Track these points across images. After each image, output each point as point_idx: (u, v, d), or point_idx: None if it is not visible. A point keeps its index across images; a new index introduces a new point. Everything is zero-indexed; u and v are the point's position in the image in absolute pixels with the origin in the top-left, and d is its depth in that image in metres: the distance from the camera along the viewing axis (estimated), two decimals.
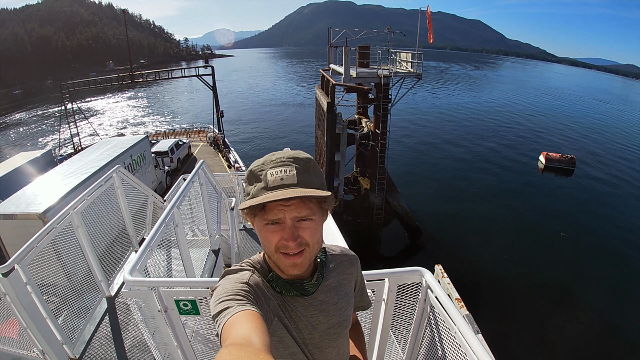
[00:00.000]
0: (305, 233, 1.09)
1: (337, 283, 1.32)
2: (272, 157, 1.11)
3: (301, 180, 1.06)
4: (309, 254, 1.12)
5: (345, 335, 1.36)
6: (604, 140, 39.55)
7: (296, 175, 1.06)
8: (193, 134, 30.11)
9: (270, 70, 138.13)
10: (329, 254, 1.37)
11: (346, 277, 1.37)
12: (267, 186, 1.05)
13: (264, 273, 1.20)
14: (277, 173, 1.06)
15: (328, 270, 1.31)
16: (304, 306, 1.21)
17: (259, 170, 1.09)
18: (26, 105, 64.28)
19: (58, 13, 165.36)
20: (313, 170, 1.11)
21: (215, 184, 5.91)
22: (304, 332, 1.21)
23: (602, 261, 16.40)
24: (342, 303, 1.31)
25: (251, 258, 1.27)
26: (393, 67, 16.97)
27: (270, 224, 1.08)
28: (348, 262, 1.40)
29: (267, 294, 1.15)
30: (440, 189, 24.07)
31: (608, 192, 24.39)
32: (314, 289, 1.21)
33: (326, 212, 1.17)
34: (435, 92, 72.13)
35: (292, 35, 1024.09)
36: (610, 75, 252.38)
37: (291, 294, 1.18)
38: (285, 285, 1.18)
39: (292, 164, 1.07)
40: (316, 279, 1.23)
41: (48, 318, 3.83)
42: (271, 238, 1.09)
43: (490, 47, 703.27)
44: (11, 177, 13.51)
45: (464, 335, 1.81)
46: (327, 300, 1.26)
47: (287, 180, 1.05)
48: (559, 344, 11.62)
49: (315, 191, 1.04)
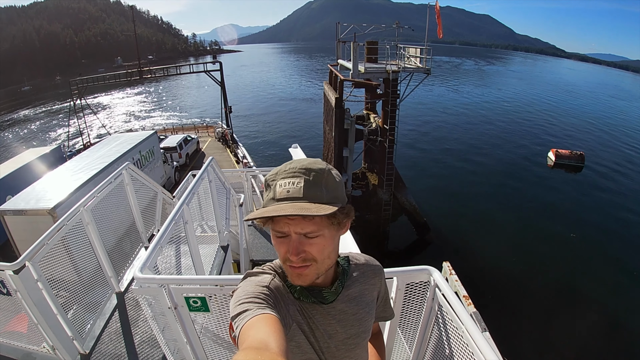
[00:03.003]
0: (312, 249, 1.06)
1: (359, 293, 1.30)
2: (286, 166, 1.08)
3: (307, 195, 1.02)
4: (315, 268, 1.09)
5: (364, 346, 1.34)
6: (613, 136, 39.11)
7: (303, 188, 1.03)
8: (201, 130, 30.22)
9: (279, 65, 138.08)
10: (353, 263, 1.34)
11: (368, 287, 1.34)
12: (274, 197, 1.04)
13: (285, 278, 1.18)
14: (285, 184, 1.03)
15: (350, 280, 1.29)
16: (322, 314, 1.19)
17: (272, 179, 1.08)
18: (35, 102, 64.56)
19: (66, 9, 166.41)
20: (325, 183, 1.06)
21: (224, 180, 5.91)
22: (320, 340, 1.19)
23: (611, 259, 16.23)
24: (362, 314, 1.28)
25: (274, 262, 1.25)
26: (401, 62, 16.87)
27: (279, 235, 1.06)
28: (372, 272, 1.38)
29: (287, 299, 1.14)
30: (448, 185, 23.96)
31: (617, 189, 24.14)
32: (332, 297, 1.19)
33: (342, 224, 1.12)
34: (445, 87, 71.63)
35: (300, 30, 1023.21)
36: (620, 71, 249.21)
37: (309, 300, 1.17)
38: (303, 291, 1.16)
39: (301, 176, 1.04)
40: (335, 287, 1.20)
41: (58, 314, 3.85)
42: (279, 249, 1.08)
43: (500, 42, 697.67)
44: (21, 174, 13.66)
45: (471, 335, 1.81)
46: (347, 310, 1.24)
47: (293, 194, 1.02)
48: (566, 341, 11.58)
49: (315, 208, 0.99)
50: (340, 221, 1.10)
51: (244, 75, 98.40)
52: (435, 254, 16.05)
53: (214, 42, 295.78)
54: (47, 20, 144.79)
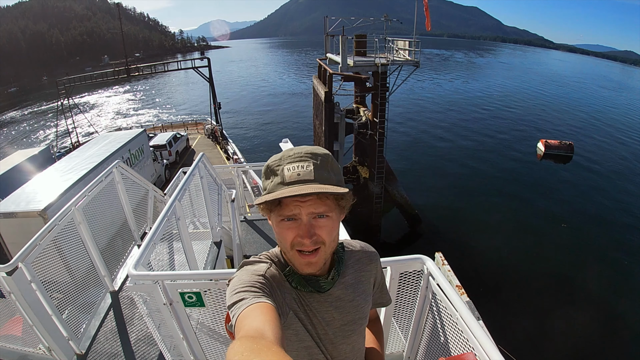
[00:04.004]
0: (322, 231, 1.08)
1: (355, 280, 1.31)
2: (290, 152, 1.10)
3: (318, 177, 1.05)
4: (323, 252, 1.12)
5: (361, 332, 1.35)
6: (601, 125, 39.50)
7: (313, 171, 1.05)
8: (191, 127, 30.05)
9: (267, 60, 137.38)
10: (348, 249, 1.36)
11: (364, 274, 1.36)
12: (283, 181, 1.05)
13: (282, 267, 1.20)
14: (294, 168, 1.05)
15: (346, 267, 1.30)
16: (319, 302, 1.21)
17: (276, 165, 1.09)
18: (22, 103, 63.65)
19: (51, 9, 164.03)
20: (331, 167, 1.10)
21: (216, 176, 5.90)
22: (317, 327, 1.21)
23: (601, 248, 16.46)
24: (359, 300, 1.30)
25: (270, 251, 1.27)
26: (390, 55, 16.87)
27: (286, 220, 1.07)
28: (367, 259, 1.39)
29: (284, 287, 1.15)
30: (439, 177, 24.05)
31: (607, 178, 24.45)
32: (329, 286, 1.21)
33: (344, 210, 1.16)
34: (434, 80, 71.74)
35: (287, 24, 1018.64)
36: (608, 61, 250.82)
37: (306, 289, 1.18)
38: (301, 281, 1.17)
39: (309, 160, 1.07)
40: (332, 276, 1.22)
41: (53, 315, 3.83)
42: (287, 234, 1.08)
43: (488, 34, 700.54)
44: (10, 176, 13.47)
45: (465, 322, 1.83)
46: (343, 297, 1.25)
47: (304, 176, 1.04)
48: (558, 331, 11.68)
49: (332, 187, 1.02)
50: (344, 205, 1.14)
51: (233, 71, 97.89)
52: (428, 245, 16.13)
53: (201, 38, 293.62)
54: (33, 20, 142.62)
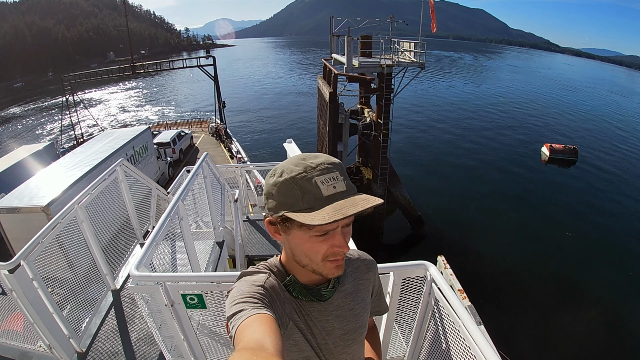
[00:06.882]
0: (347, 238, 1.07)
1: (354, 289, 1.30)
2: (307, 162, 1.03)
3: (349, 187, 1.03)
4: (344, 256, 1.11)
5: (361, 341, 1.34)
6: (605, 130, 39.37)
7: (344, 182, 1.03)
8: (195, 125, 30.14)
9: (272, 60, 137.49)
10: (346, 258, 1.32)
11: (363, 282, 1.35)
12: (322, 196, 0.99)
13: (281, 276, 1.18)
14: (328, 181, 1.00)
15: (345, 275, 1.29)
16: (319, 311, 1.19)
17: (304, 178, 1.00)
18: (27, 99, 63.96)
19: (58, 5, 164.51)
20: (347, 174, 1.08)
21: (219, 176, 5.89)
22: (317, 337, 1.19)
23: (605, 253, 16.38)
24: (358, 309, 1.29)
25: (268, 261, 1.24)
26: (396, 56, 16.85)
27: (320, 234, 1.04)
28: (365, 267, 1.38)
29: (283, 298, 1.13)
30: (443, 179, 24.04)
31: (611, 182, 24.37)
32: (330, 294, 1.20)
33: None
34: (439, 82, 71.74)
35: (293, 24, 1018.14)
36: (614, 66, 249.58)
37: (307, 299, 1.17)
38: (302, 290, 1.16)
39: (335, 171, 1.03)
40: (333, 285, 1.21)
41: (55, 313, 3.83)
42: (320, 248, 1.05)
43: (494, 36, 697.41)
44: (14, 171, 13.53)
45: (467, 329, 1.83)
46: (343, 306, 1.24)
47: (339, 188, 1.01)
48: (560, 335, 11.68)
49: (375, 199, 0.99)
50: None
51: (238, 69, 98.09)
52: (430, 248, 16.14)
53: (207, 36, 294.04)
54: (39, 16, 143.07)
